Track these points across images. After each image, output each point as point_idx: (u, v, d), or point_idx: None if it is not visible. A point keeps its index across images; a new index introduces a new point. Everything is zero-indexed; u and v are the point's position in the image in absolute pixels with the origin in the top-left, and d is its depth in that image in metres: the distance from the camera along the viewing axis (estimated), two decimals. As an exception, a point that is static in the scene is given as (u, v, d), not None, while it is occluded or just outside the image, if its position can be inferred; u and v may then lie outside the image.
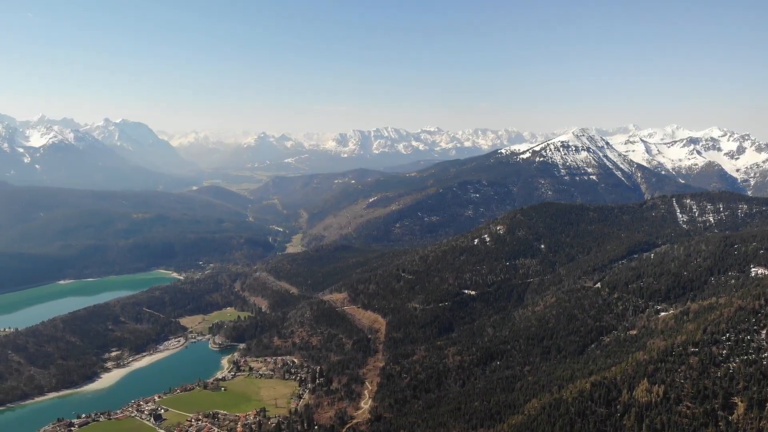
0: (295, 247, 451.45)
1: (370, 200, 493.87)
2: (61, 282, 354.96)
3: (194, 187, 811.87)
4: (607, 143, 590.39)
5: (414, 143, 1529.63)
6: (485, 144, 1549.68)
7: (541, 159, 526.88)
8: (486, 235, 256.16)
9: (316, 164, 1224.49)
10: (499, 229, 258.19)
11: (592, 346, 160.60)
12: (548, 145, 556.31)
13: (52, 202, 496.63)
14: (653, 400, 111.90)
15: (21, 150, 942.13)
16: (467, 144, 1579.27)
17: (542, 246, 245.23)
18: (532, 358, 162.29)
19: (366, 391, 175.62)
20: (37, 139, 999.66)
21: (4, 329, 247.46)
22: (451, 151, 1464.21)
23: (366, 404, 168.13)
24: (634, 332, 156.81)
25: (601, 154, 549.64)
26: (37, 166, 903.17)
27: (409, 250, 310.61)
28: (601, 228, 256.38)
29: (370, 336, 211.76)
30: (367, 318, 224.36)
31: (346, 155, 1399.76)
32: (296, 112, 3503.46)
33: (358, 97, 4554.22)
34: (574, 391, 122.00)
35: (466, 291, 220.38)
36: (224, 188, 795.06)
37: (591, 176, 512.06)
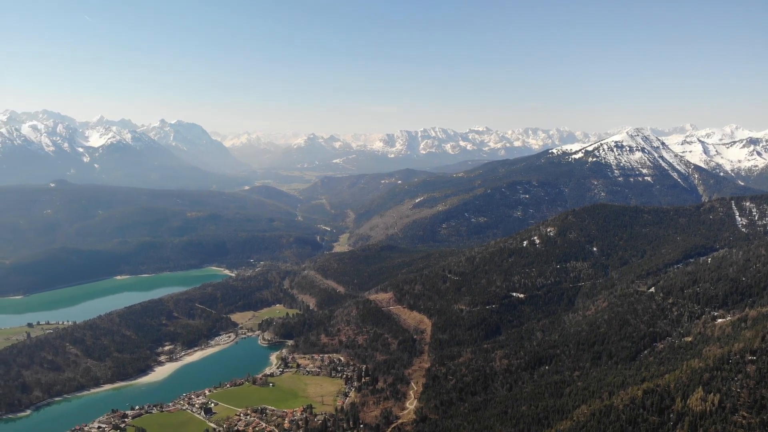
0: (342, 246, 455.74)
1: (417, 201, 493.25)
2: (118, 277, 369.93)
3: (246, 187, 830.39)
4: (663, 143, 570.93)
5: (462, 143, 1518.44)
6: (536, 144, 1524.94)
7: (594, 159, 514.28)
8: (536, 237, 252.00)
9: (364, 164, 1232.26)
10: (550, 231, 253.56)
11: (645, 352, 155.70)
12: (601, 145, 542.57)
13: (110, 200, 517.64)
14: (708, 409, 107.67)
15: (81, 150, 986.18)
16: (517, 144, 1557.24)
17: (594, 249, 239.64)
18: (582, 363, 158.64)
19: (411, 392, 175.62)
20: (96, 140, 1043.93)
21: (63, 322, 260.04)
22: (500, 151, 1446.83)
23: (411, 405, 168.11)
24: (689, 339, 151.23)
25: (656, 155, 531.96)
26: (96, 165, 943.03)
27: (456, 251, 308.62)
28: (656, 231, 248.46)
29: (415, 336, 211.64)
30: (412, 318, 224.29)
31: (393, 156, 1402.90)
32: (344, 113, 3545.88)
33: (406, 97, 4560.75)
34: (625, 398, 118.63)
35: (514, 294, 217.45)
36: (275, 188, 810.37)
37: (646, 177, 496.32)
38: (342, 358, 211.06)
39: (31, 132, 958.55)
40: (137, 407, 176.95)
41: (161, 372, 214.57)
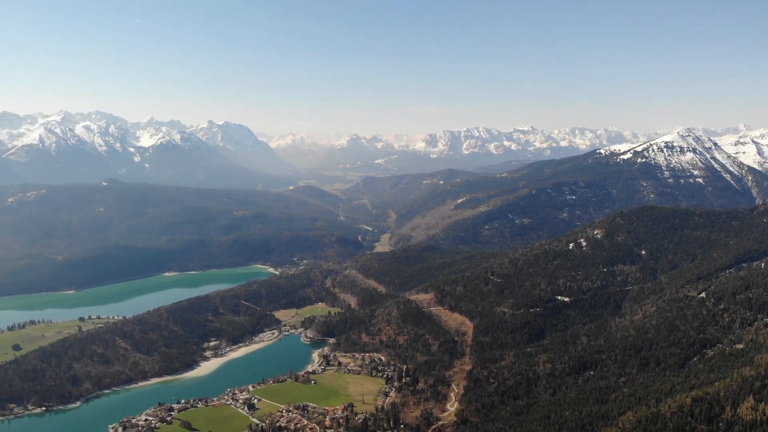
0: (383, 246, 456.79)
1: (459, 201, 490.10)
2: (166, 274, 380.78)
3: (291, 187, 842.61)
4: (715, 144, 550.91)
5: (506, 143, 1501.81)
6: (583, 144, 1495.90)
7: (643, 160, 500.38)
8: (582, 239, 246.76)
9: (406, 165, 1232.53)
10: (597, 233, 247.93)
11: (694, 359, 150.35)
12: (651, 145, 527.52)
13: (160, 199, 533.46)
14: (759, 418, 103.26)
15: (132, 150, 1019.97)
16: (563, 144, 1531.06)
17: (643, 252, 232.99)
18: (629, 369, 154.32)
19: (452, 394, 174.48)
20: (146, 140, 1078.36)
21: (113, 317, 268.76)
22: (546, 151, 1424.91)
23: (452, 407, 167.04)
24: (740, 346, 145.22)
25: (708, 156, 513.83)
26: (146, 164, 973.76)
27: (499, 252, 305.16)
28: (708, 234, 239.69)
29: (456, 338, 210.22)
30: (453, 320, 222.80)
31: (435, 156, 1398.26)
32: (387, 114, 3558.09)
33: (449, 97, 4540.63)
34: (673, 405, 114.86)
35: (559, 297, 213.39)
36: (318, 188, 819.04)
37: (697, 179, 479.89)
38: (383, 358, 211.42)
39: (85, 132, 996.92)
40: (183, 401, 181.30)
41: (207, 367, 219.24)
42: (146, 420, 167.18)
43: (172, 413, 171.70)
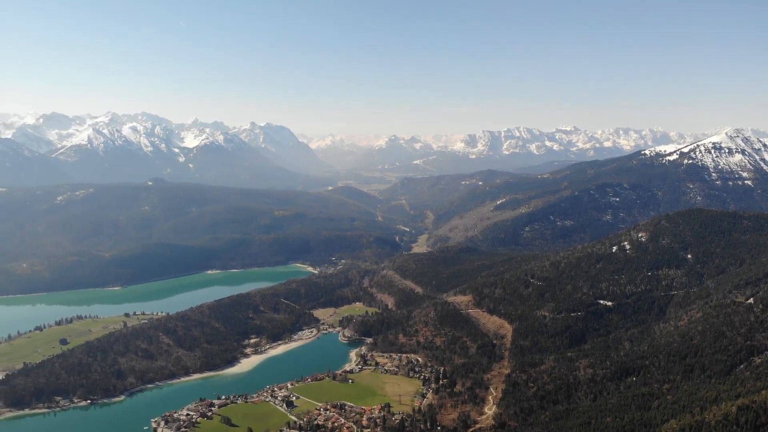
0: (420, 247, 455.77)
1: (498, 202, 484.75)
2: (209, 272, 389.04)
3: (330, 187, 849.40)
4: (765, 145, 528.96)
5: (548, 143, 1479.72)
6: (627, 144, 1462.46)
7: (690, 161, 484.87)
8: (626, 242, 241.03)
9: (444, 165, 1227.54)
10: (641, 236, 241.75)
11: (741, 366, 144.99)
12: (698, 146, 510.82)
13: (203, 199, 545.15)
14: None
15: (176, 150, 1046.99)
16: (607, 144, 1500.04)
17: (689, 256, 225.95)
18: (673, 376, 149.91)
19: (490, 397, 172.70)
20: (190, 141, 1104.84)
21: (157, 313, 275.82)
22: (589, 151, 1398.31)
23: (490, 410, 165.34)
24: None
25: (757, 157, 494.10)
26: (190, 165, 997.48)
27: (539, 255, 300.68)
28: (757, 238, 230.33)
29: (495, 341, 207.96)
30: (492, 323, 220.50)
31: (474, 156, 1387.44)
32: (426, 115, 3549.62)
33: (489, 96, 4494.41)
34: (718, 414, 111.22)
35: (601, 301, 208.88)
36: (356, 188, 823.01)
37: (746, 181, 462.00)
38: (420, 359, 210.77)
39: (131, 133, 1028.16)
40: (223, 397, 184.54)
41: (247, 364, 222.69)
42: (187, 415, 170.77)
43: (213, 409, 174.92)
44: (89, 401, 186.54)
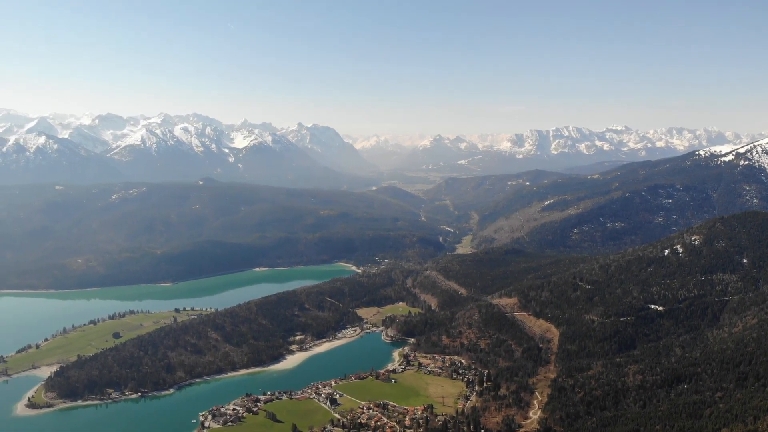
0: (464, 248, 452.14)
1: (546, 203, 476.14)
2: (256, 269, 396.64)
3: (374, 187, 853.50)
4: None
5: (598, 143, 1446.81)
6: (680, 144, 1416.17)
7: (747, 162, 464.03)
8: (678, 246, 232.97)
9: (490, 165, 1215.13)
10: (695, 240, 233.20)
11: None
12: (755, 146, 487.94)
13: (251, 198, 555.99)
14: None
15: (226, 151, 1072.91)
16: (659, 144, 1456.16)
17: (744, 260, 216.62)
18: (726, 384, 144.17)
19: (535, 401, 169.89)
20: (240, 141, 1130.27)
21: (206, 309, 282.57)
22: (641, 151, 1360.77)
23: (535, 414, 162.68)
24: None
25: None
26: (239, 165, 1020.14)
27: (588, 257, 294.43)
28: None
29: (541, 345, 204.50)
30: (538, 326, 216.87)
31: (521, 156, 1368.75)
32: (471, 114, 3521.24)
33: (536, 95, 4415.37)
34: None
35: (652, 306, 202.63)
36: (400, 188, 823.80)
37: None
38: (463, 361, 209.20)
39: (183, 134, 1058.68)
40: (269, 393, 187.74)
41: (292, 360, 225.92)
42: (234, 409, 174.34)
43: (258, 404, 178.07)
44: (140, 394, 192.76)
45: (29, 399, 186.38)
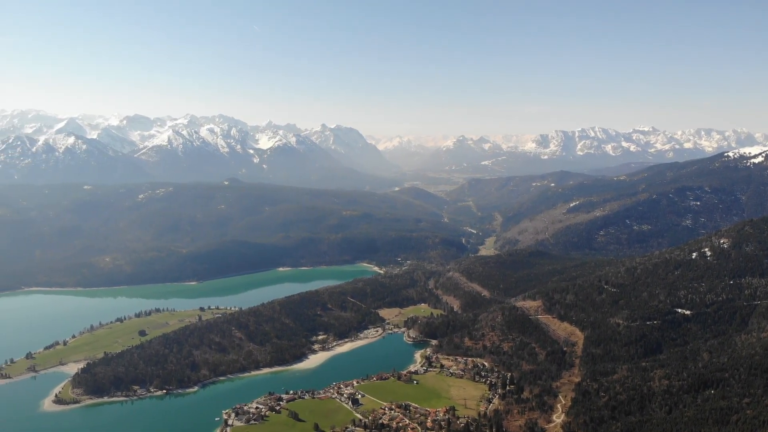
0: (488, 249, 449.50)
1: (571, 205, 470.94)
2: (280, 269, 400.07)
3: (396, 188, 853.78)
4: None
5: (624, 144, 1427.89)
6: (709, 146, 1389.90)
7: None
8: (706, 249, 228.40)
9: (514, 166, 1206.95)
10: (723, 243, 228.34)
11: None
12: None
13: (275, 198, 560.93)
14: None
15: (251, 151, 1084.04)
16: (687, 145, 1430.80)
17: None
18: (754, 390, 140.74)
19: (559, 405, 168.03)
20: (264, 142, 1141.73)
21: (230, 308, 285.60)
22: (668, 153, 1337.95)
23: (558, 418, 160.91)
24: None
25: None
26: (264, 165, 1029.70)
27: (614, 260, 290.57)
28: None
29: (565, 348, 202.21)
30: (562, 329, 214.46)
31: (546, 157, 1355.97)
32: (495, 115, 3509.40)
33: (561, 95, 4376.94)
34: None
35: (679, 310, 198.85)
36: (423, 189, 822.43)
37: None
38: (486, 363, 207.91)
39: (209, 135, 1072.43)
40: (291, 392, 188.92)
41: (314, 360, 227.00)
42: (257, 408, 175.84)
43: (281, 403, 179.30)
44: (165, 391, 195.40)
45: (56, 395, 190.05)
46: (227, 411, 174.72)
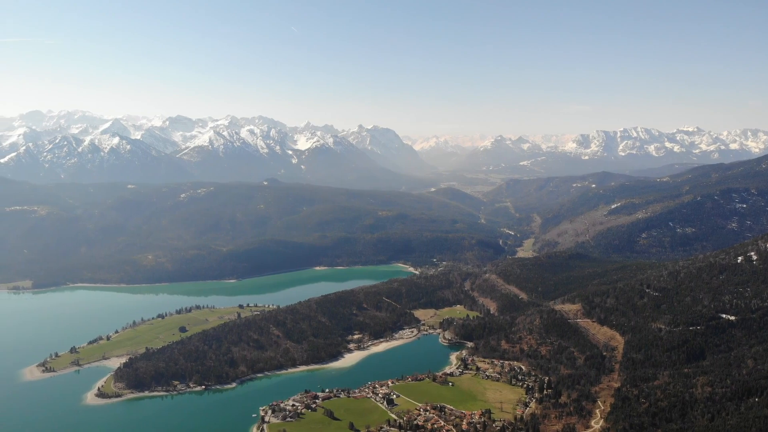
0: (526, 251, 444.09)
1: (613, 206, 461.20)
2: (316, 268, 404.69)
3: (432, 189, 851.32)
4: None
5: (668, 144, 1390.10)
6: (756, 147, 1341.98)
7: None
8: (752, 253, 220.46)
9: (553, 167, 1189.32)
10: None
11: None
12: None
13: (313, 198, 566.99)
14: None
15: (290, 152, 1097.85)
16: (733, 146, 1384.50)
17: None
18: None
19: (597, 411, 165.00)
20: (303, 143, 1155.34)
21: (268, 306, 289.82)
22: (713, 154, 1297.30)
23: (597, 424, 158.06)
24: None
25: None
26: (302, 166, 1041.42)
27: (657, 263, 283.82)
28: None
29: (605, 353, 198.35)
30: (602, 334, 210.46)
31: (587, 157, 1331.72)
32: (534, 114, 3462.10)
33: (603, 95, 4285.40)
34: None
35: (723, 315, 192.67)
36: (459, 190, 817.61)
37: None
38: (523, 367, 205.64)
39: (249, 135, 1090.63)
40: (327, 390, 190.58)
41: (350, 359, 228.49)
42: (293, 405, 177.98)
43: (317, 401, 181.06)
44: (204, 387, 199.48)
45: (99, 388, 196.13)
46: (264, 408, 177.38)
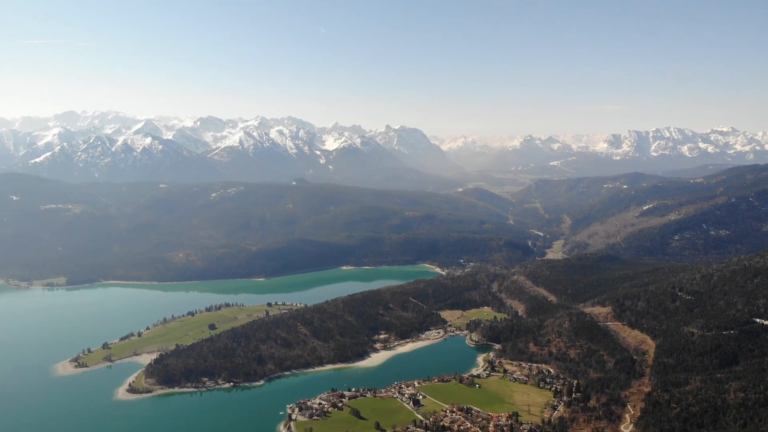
0: (555, 253, 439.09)
1: (645, 208, 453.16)
2: (343, 267, 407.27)
3: (459, 189, 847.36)
4: None
5: (701, 145, 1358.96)
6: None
7: None
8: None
9: (584, 167, 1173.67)
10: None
11: None
12: None
13: (340, 198, 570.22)
14: None
15: (318, 152, 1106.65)
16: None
17: None
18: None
19: (627, 415, 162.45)
20: (331, 143, 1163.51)
21: (296, 304, 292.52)
22: (749, 154, 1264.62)
23: (626, 429, 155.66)
24: None
25: None
26: (330, 166, 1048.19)
27: (689, 266, 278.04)
28: None
29: (635, 357, 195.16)
30: (633, 337, 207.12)
31: (618, 158, 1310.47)
32: (564, 114, 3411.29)
33: (635, 94, 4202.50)
34: None
35: (758, 320, 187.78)
36: (487, 190, 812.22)
37: None
38: (551, 370, 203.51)
39: (278, 136, 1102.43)
40: (353, 389, 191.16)
41: (376, 358, 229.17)
42: (320, 404, 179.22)
43: (343, 400, 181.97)
44: (232, 384, 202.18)
45: (130, 384, 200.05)
46: (291, 405, 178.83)
